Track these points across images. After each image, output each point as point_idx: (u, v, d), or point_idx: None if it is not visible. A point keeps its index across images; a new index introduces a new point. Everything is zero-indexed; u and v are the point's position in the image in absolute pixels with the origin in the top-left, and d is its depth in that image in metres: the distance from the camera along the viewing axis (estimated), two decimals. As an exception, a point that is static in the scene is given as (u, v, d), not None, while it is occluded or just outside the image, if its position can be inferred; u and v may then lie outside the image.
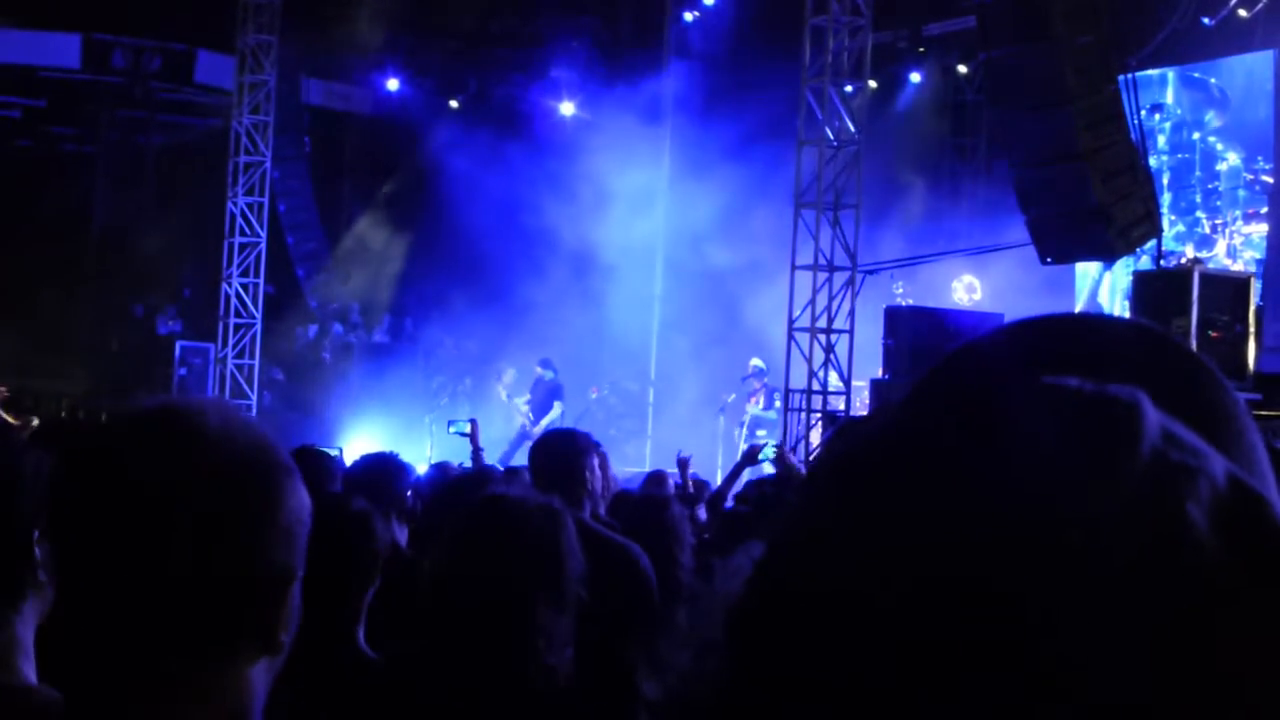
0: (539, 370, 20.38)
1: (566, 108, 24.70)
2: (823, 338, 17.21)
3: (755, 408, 19.94)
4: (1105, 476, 0.58)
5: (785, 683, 0.59)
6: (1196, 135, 20.32)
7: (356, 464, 6.28)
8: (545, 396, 20.08)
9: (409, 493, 5.46)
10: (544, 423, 19.32)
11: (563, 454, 5.19)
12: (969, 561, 0.57)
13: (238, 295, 21.06)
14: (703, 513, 8.39)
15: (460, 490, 5.24)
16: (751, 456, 9.27)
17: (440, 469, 7.18)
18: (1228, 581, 0.57)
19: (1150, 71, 18.96)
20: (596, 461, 5.25)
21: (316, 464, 6.12)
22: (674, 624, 0.66)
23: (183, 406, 1.54)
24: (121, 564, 1.45)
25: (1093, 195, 13.64)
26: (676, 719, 0.64)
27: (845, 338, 17.20)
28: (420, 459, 14.08)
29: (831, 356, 17.23)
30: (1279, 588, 0.58)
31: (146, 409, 1.54)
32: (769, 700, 0.59)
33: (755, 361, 20.13)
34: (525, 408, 19.93)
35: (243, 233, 21.06)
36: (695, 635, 0.64)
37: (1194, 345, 13.03)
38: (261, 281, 21.20)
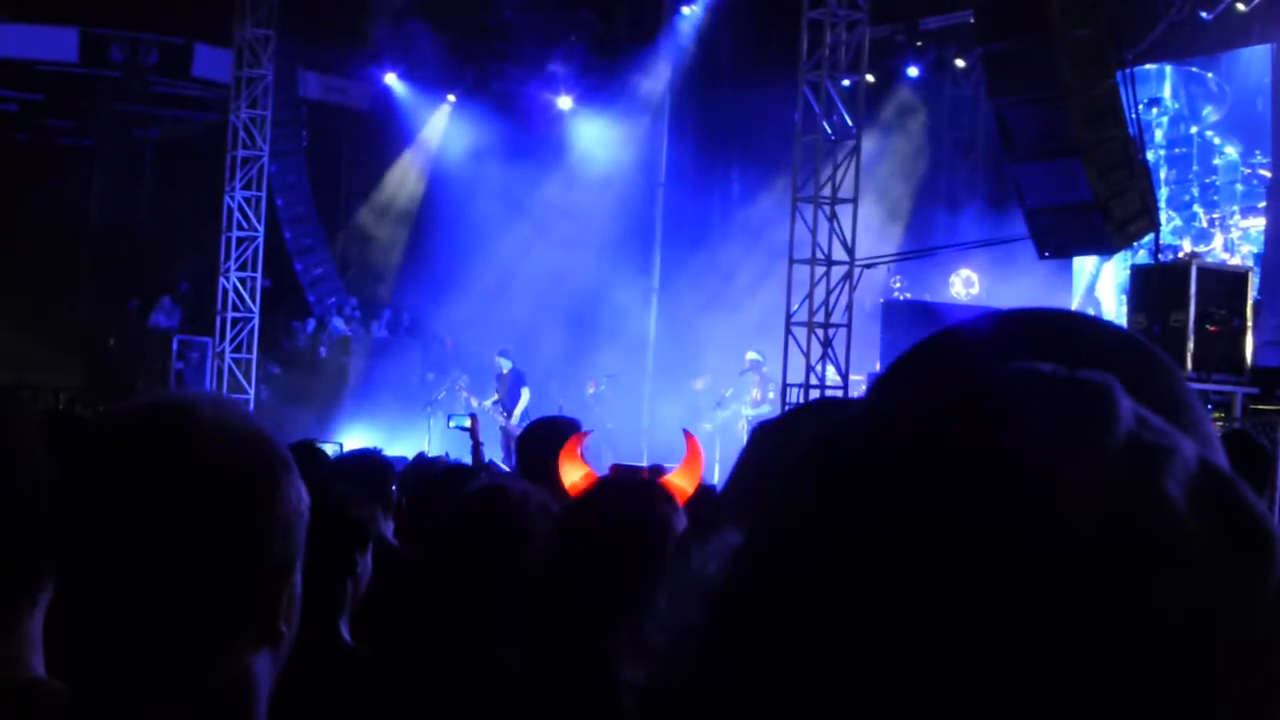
0: (499, 361, 20.20)
1: (564, 101, 24.71)
2: (820, 332, 17.21)
3: (749, 408, 19.93)
4: (1086, 454, 0.60)
5: (764, 665, 0.60)
6: (1194, 129, 20.34)
7: (340, 460, 6.26)
8: (511, 386, 19.93)
9: (394, 487, 5.46)
10: (517, 412, 19.25)
11: (550, 441, 5.16)
12: (952, 542, 0.58)
13: (235, 290, 21.06)
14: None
15: (444, 484, 5.21)
16: None
17: (421, 463, 7.16)
18: (1207, 557, 0.59)
19: (1148, 66, 18.97)
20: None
21: (311, 460, 6.12)
22: (655, 607, 0.67)
23: (177, 400, 1.55)
24: (118, 558, 1.46)
25: (1090, 189, 13.64)
26: (656, 703, 0.64)
27: (843, 332, 17.19)
28: (417, 453, 14.10)
29: (829, 351, 17.22)
30: (1255, 561, 0.60)
31: (140, 403, 1.55)
32: (747, 683, 0.60)
33: (751, 354, 20.14)
34: (490, 405, 19.74)
35: (240, 227, 21.06)
36: (674, 619, 0.65)
37: (1191, 340, 13.14)
38: (259, 276, 21.19)
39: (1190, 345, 13.24)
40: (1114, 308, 19.65)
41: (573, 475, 3.34)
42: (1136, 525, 0.58)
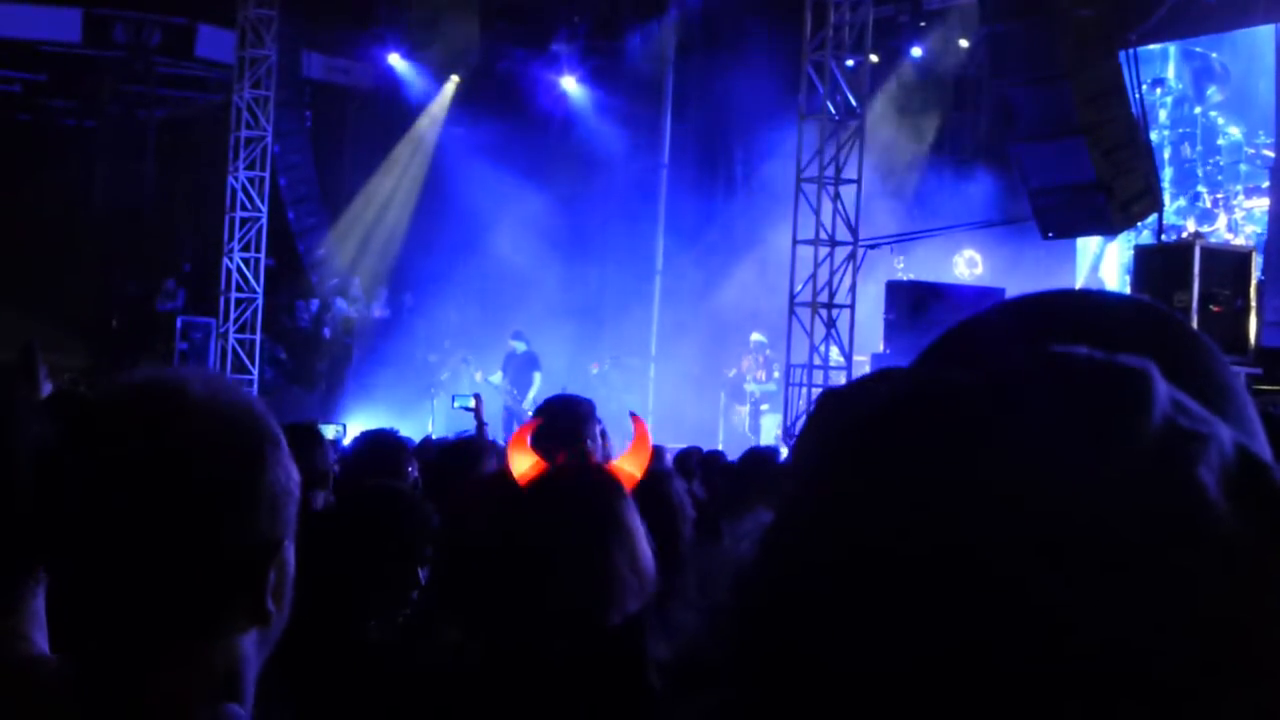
0: (511, 343, 20.02)
1: (567, 82, 24.66)
2: (824, 312, 17.20)
3: (753, 384, 19.93)
4: (1119, 442, 0.59)
5: (797, 648, 0.60)
6: (1198, 110, 20.28)
7: (356, 441, 6.22)
8: (522, 369, 19.73)
9: (411, 467, 5.43)
10: (530, 396, 19.01)
11: (565, 419, 5.11)
12: (987, 527, 0.58)
13: (239, 270, 21.05)
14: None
15: (455, 460, 5.18)
16: None
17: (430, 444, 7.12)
18: (1241, 546, 0.58)
19: (1151, 46, 18.90)
20: (599, 429, 5.16)
21: (310, 442, 6.09)
22: (683, 586, 0.67)
23: (167, 377, 1.55)
24: (105, 535, 1.47)
25: (1093, 169, 13.62)
26: (686, 680, 0.64)
27: (846, 312, 17.19)
28: (422, 434, 14.11)
29: (833, 331, 17.22)
30: None
31: (131, 380, 1.56)
32: (780, 665, 0.60)
33: (756, 336, 20.12)
34: (504, 381, 19.54)
35: (244, 207, 21.04)
36: (705, 598, 0.65)
37: (1195, 320, 13.11)
38: (263, 256, 21.19)
39: (1194, 326, 13.21)
40: (1118, 288, 19.61)
41: (521, 465, 3.34)
42: (1169, 516, 0.57)
